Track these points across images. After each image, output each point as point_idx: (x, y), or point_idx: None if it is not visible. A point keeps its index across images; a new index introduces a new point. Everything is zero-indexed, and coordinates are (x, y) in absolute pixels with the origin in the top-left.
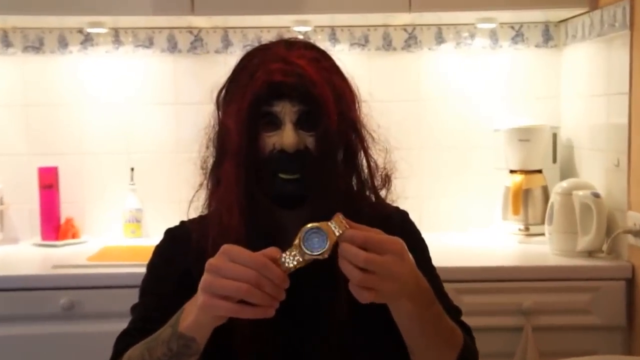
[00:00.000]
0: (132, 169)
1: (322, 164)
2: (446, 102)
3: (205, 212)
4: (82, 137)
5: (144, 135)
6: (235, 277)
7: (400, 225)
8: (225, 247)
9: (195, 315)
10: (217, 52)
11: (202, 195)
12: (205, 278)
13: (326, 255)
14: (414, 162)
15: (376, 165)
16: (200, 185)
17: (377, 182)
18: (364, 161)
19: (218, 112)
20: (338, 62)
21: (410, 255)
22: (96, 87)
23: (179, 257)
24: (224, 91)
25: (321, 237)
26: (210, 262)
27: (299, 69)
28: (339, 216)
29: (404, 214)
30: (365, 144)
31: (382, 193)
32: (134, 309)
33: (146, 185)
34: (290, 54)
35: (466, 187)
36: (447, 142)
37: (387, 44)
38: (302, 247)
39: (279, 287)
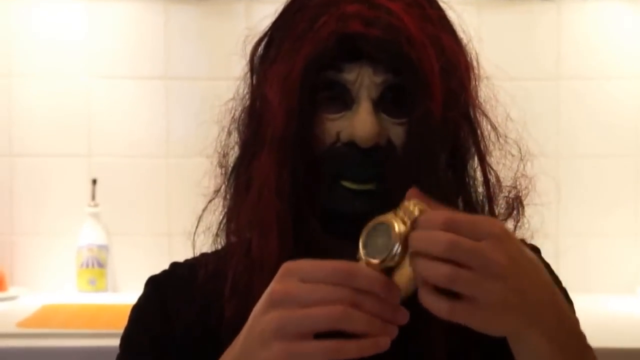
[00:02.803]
0: (94, 182)
1: (414, 171)
2: (604, 83)
3: (221, 243)
4: (14, 129)
5: (114, 128)
6: (319, 301)
7: None
8: (288, 265)
9: None
10: None
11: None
12: (273, 316)
13: (396, 259)
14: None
15: (498, 179)
16: (217, 191)
17: (500, 207)
18: (480, 172)
19: (252, 77)
20: (449, 13)
21: (530, 252)
22: (38, 51)
23: (175, 313)
24: (263, 44)
25: (388, 234)
26: (274, 289)
27: (391, 17)
28: (412, 198)
29: (536, 251)
30: (484, 145)
31: (508, 225)
32: None
33: (116, 208)
34: None
35: (636, 221)
36: (603, 149)
37: None
38: (364, 255)
39: (386, 301)
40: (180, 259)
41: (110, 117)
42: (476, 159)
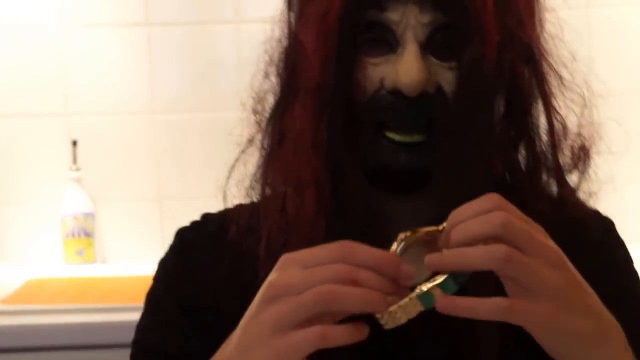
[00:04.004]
0: (75, 143)
1: (465, 120)
2: None
3: (255, 194)
4: None
5: (93, 83)
6: (316, 284)
7: (600, 239)
8: (288, 255)
9: None
10: None
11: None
12: (270, 313)
13: (401, 236)
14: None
15: (564, 127)
16: (250, 141)
17: (565, 157)
18: (543, 120)
19: (289, 17)
20: None
21: (589, 288)
22: None
23: (204, 270)
24: None
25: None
26: (271, 282)
27: None
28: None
29: (609, 224)
30: (547, 89)
31: (572, 179)
32: None
33: (100, 172)
34: None
35: None
36: None
37: None
38: None
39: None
40: (173, 225)
41: (87, 70)
42: (540, 103)
